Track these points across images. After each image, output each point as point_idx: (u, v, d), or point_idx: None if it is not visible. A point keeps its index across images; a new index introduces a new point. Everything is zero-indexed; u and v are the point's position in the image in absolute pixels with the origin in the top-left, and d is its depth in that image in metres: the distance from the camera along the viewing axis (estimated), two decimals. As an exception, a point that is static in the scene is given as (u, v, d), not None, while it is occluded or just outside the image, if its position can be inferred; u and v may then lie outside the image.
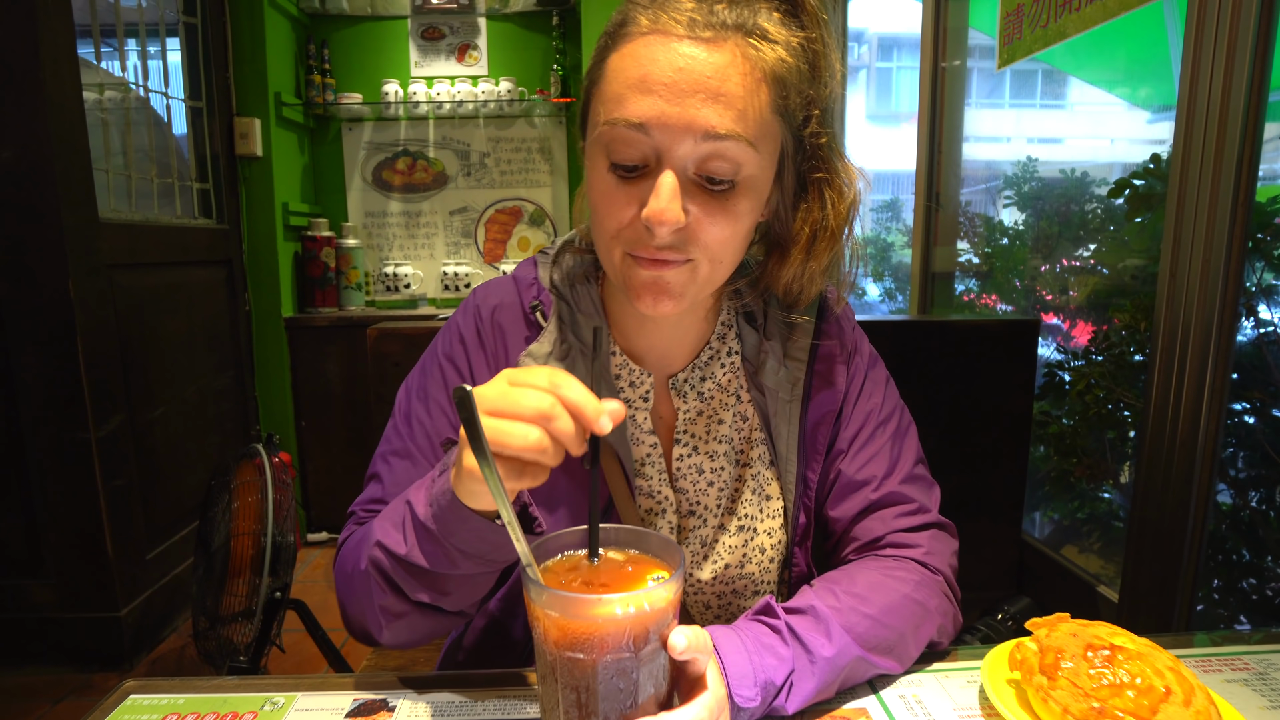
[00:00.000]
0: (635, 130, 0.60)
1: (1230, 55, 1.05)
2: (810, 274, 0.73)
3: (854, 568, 0.72)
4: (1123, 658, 0.55)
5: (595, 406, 0.49)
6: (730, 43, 0.59)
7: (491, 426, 0.49)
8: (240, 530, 1.89)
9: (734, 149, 0.60)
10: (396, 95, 2.97)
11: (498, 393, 0.51)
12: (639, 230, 0.63)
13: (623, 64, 0.61)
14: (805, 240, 0.71)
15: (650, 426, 0.77)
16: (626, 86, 0.60)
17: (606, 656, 0.44)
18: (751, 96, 0.60)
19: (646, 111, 0.59)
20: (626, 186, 0.63)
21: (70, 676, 2.00)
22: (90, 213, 1.99)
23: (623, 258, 0.66)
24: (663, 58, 0.59)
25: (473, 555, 0.59)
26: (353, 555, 0.69)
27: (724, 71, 0.59)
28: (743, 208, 0.64)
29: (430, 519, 0.59)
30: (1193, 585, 1.18)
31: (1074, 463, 1.76)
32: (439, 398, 0.76)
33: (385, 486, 0.76)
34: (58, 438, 1.94)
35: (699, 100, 0.59)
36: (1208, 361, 1.11)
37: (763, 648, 0.59)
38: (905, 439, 0.80)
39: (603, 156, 0.63)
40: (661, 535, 0.51)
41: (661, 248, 0.63)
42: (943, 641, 0.72)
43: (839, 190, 0.70)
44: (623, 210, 0.63)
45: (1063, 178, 2.08)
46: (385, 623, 0.66)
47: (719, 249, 0.65)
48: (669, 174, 0.60)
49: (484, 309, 0.78)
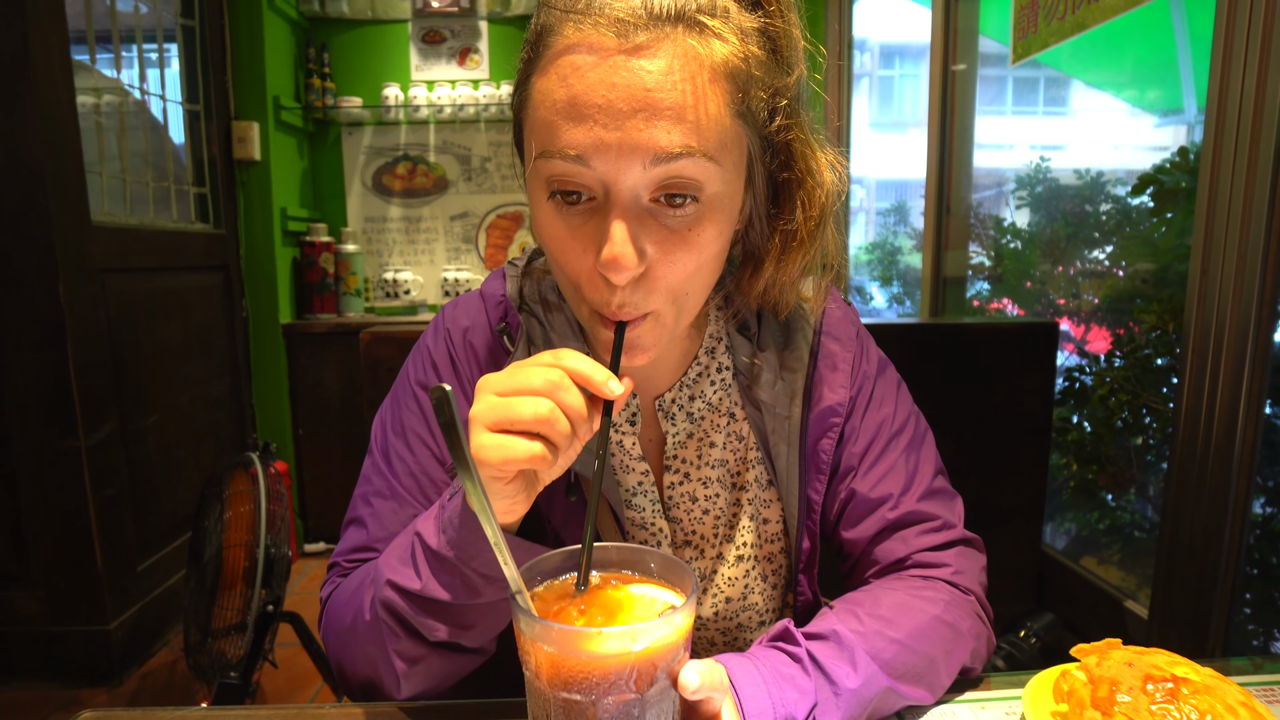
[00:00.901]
0: (573, 162, 0.52)
1: (1266, 40, 0.99)
2: (781, 284, 0.66)
3: (878, 588, 0.66)
4: (1188, 691, 0.49)
5: (603, 373, 0.49)
6: (669, 41, 0.50)
7: (501, 404, 0.49)
8: (233, 541, 1.83)
9: (690, 167, 0.52)
10: (397, 99, 2.93)
11: (505, 375, 0.50)
12: (599, 284, 0.55)
13: (548, 86, 0.52)
14: (775, 250, 0.63)
15: (639, 453, 0.70)
16: (555, 113, 0.52)
17: (608, 699, 0.38)
18: (702, 103, 0.51)
19: (582, 140, 0.51)
20: (578, 231, 0.55)
21: (58, 692, 1.95)
22: (82, 216, 1.95)
23: (590, 316, 0.58)
24: (592, 75, 0.50)
25: (497, 578, 0.54)
26: (349, 607, 0.63)
27: (665, 79, 0.50)
28: (708, 235, 0.55)
29: (445, 546, 0.54)
30: (1230, 602, 1.11)
31: (1095, 470, 1.69)
32: (418, 430, 0.70)
33: (370, 531, 0.69)
34: (46, 446, 1.89)
35: (641, 119, 0.50)
36: (1244, 364, 1.05)
37: (782, 679, 0.54)
38: (922, 449, 0.74)
39: (543, 192, 0.55)
40: (669, 555, 0.45)
41: (622, 306, 0.55)
42: (976, 667, 0.66)
43: (809, 191, 0.61)
44: (579, 260, 0.56)
45: (1077, 179, 2.03)
46: (402, 671, 0.59)
47: (683, 285, 0.57)
48: (618, 221, 0.52)
49: (455, 331, 0.71)
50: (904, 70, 6.62)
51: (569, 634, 0.38)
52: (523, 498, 0.53)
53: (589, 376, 0.49)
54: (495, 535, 0.41)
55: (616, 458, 0.70)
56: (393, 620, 0.58)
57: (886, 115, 6.81)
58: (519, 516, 0.56)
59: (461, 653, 0.60)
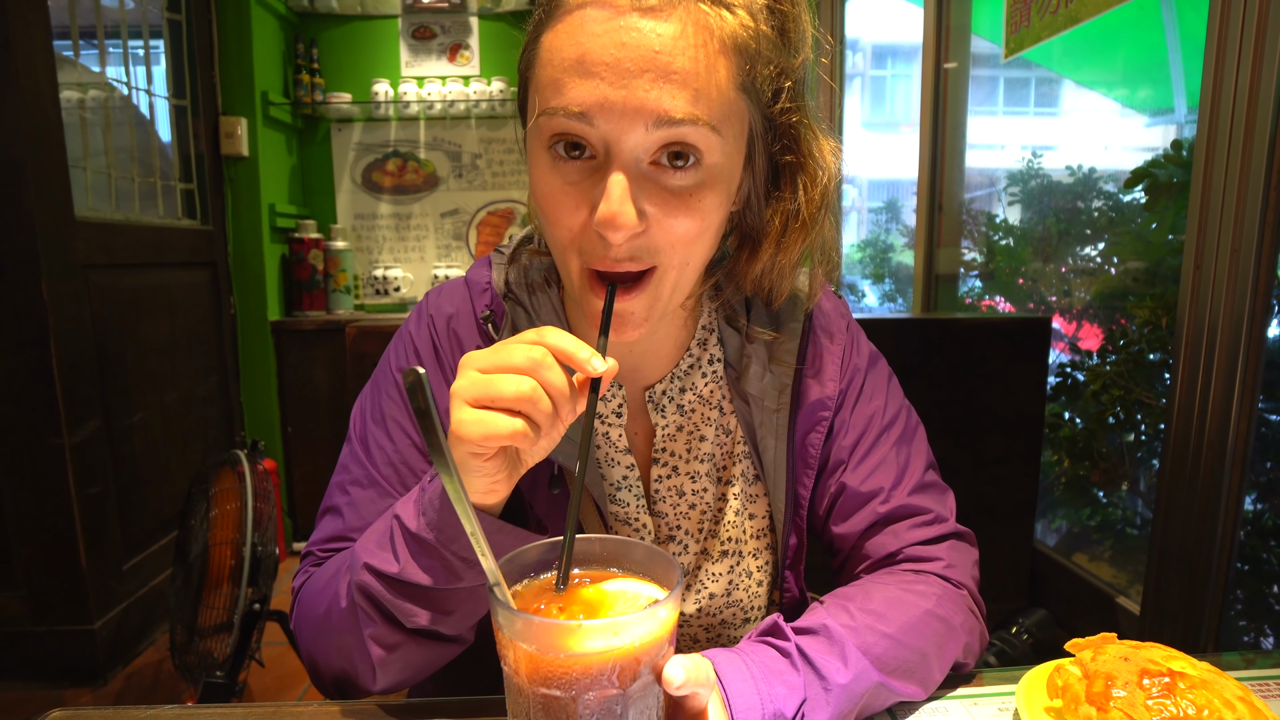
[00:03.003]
0: (576, 120, 0.51)
1: (1260, 34, 0.99)
2: (780, 268, 0.65)
3: (869, 582, 0.65)
4: (1185, 685, 0.48)
5: (586, 351, 0.48)
6: (681, 9, 0.51)
7: (483, 380, 0.48)
8: (219, 539, 1.81)
9: (693, 134, 0.52)
10: (387, 95, 2.91)
11: (488, 352, 0.49)
12: (593, 239, 0.54)
13: (557, 42, 0.52)
14: (775, 232, 0.63)
15: (626, 445, 0.69)
16: (563, 70, 0.52)
17: (589, 694, 0.37)
18: (710, 72, 0.52)
19: (587, 97, 0.51)
20: (573, 187, 0.54)
21: (41, 692, 1.92)
22: (65, 211, 1.92)
23: (581, 273, 0.57)
24: (603, 32, 0.50)
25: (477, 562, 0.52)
26: (323, 596, 0.61)
27: (675, 44, 0.50)
28: (708, 202, 0.55)
29: (425, 528, 0.53)
30: (1222, 598, 1.11)
31: (1087, 467, 1.69)
32: (398, 417, 0.68)
33: (346, 520, 0.67)
34: (29, 443, 1.86)
35: (648, 80, 0.50)
36: (1237, 358, 1.05)
37: (771, 674, 0.52)
38: (913, 443, 0.73)
39: (543, 151, 0.55)
40: (653, 548, 0.44)
41: (619, 259, 0.54)
42: (969, 662, 0.65)
43: (812, 175, 0.61)
44: (572, 215, 0.55)
45: (1069, 175, 2.03)
46: (378, 659, 0.57)
47: (685, 250, 0.56)
48: (618, 174, 0.52)
49: (438, 318, 0.70)
50: (896, 70, 6.63)
51: (549, 628, 0.37)
52: (504, 477, 0.52)
53: (572, 354, 0.48)
54: (472, 525, 0.40)
55: (602, 450, 0.69)
56: (370, 606, 0.57)
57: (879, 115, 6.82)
58: (501, 498, 0.54)
59: (439, 641, 0.59)
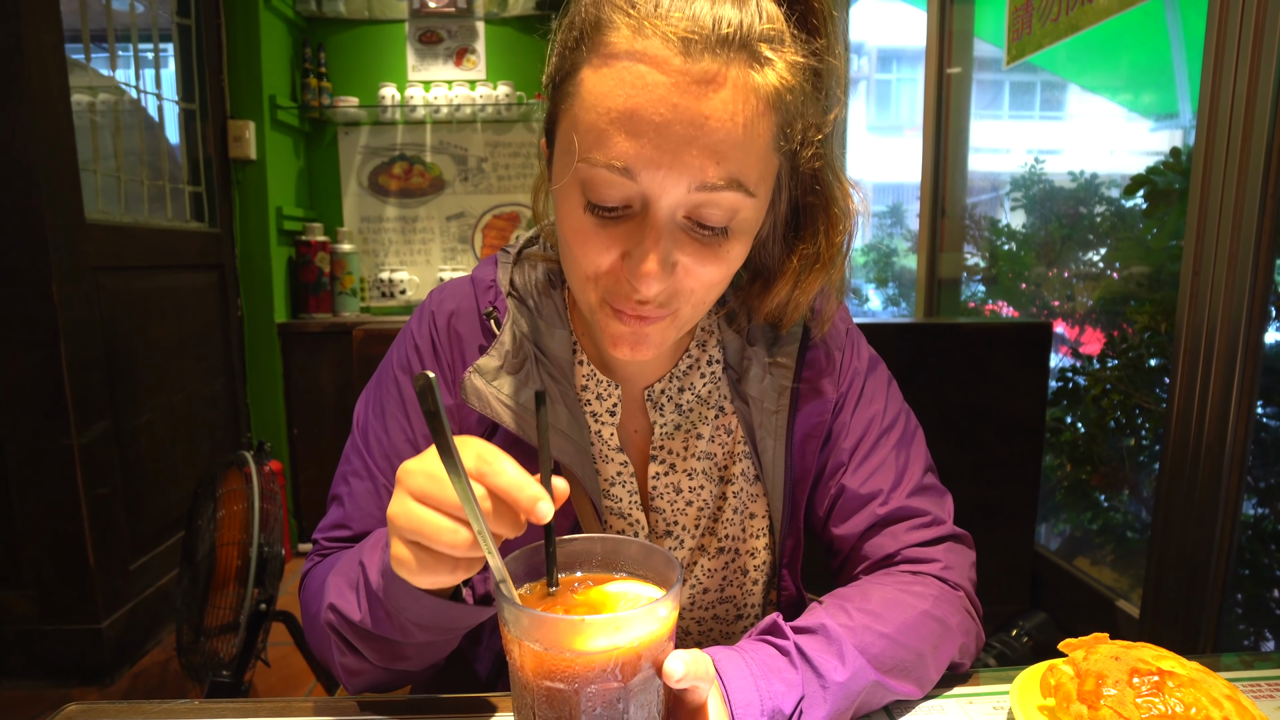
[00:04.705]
0: (620, 174, 0.52)
1: (1257, 42, 1.00)
2: (797, 303, 0.67)
3: (867, 583, 0.66)
4: (1173, 684, 0.49)
5: (530, 494, 0.43)
6: (732, 69, 0.50)
7: (418, 516, 0.45)
8: (225, 540, 1.83)
9: (730, 198, 0.53)
10: (393, 99, 2.93)
11: (425, 475, 0.46)
12: (619, 280, 0.56)
13: (604, 87, 0.52)
14: (793, 271, 0.65)
15: (618, 443, 0.71)
16: (609, 121, 0.51)
17: (591, 687, 0.38)
18: (751, 137, 0.52)
19: (633, 156, 0.51)
20: (604, 230, 0.55)
21: (49, 691, 1.94)
22: (76, 214, 1.94)
23: (600, 304, 0.59)
24: (654, 92, 0.50)
25: (428, 627, 0.55)
26: (315, 600, 0.65)
27: (724, 109, 0.51)
28: (735, 253, 0.58)
29: (380, 590, 0.54)
30: (1221, 601, 1.12)
31: (1088, 471, 1.70)
32: (395, 412, 0.71)
33: (346, 510, 0.71)
34: (38, 444, 1.88)
35: (695, 147, 0.51)
36: (1235, 363, 1.05)
37: (770, 672, 0.54)
38: (912, 446, 0.74)
39: (578, 194, 0.55)
40: (653, 546, 0.45)
41: (642, 304, 0.56)
42: (965, 662, 0.66)
43: (833, 219, 0.63)
44: (600, 255, 0.56)
45: (1071, 181, 2.04)
46: (344, 679, 0.63)
47: (704, 293, 0.59)
48: (657, 237, 0.53)
49: (440, 316, 0.72)
50: (901, 74, 6.64)
51: (553, 625, 0.38)
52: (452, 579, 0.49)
53: (515, 498, 0.44)
54: (479, 524, 0.41)
55: (595, 447, 0.71)
56: (337, 637, 0.60)
57: (884, 119, 6.83)
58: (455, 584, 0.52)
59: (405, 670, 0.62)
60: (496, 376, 0.65)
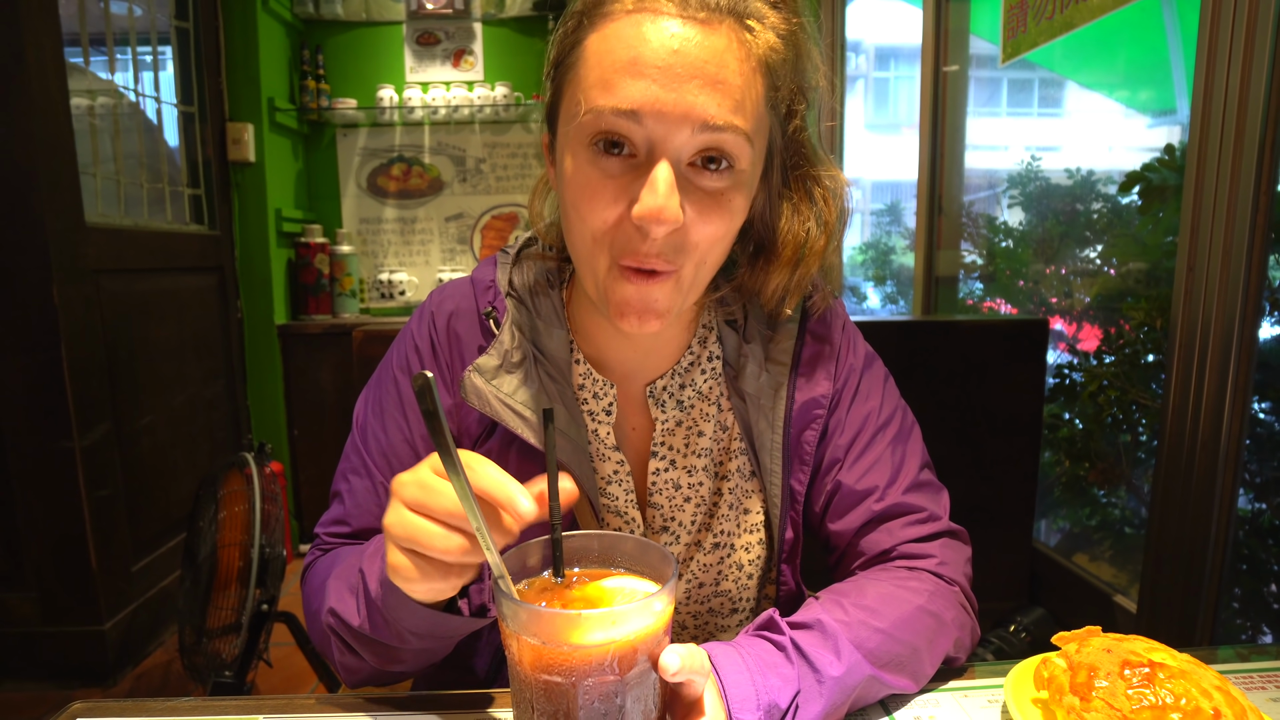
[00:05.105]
0: (625, 118, 0.54)
1: (1250, 35, 1.00)
2: (798, 282, 0.68)
3: (863, 579, 0.67)
4: (1164, 676, 0.50)
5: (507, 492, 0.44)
6: (725, 25, 0.55)
7: (413, 524, 0.46)
8: (227, 541, 1.83)
9: (731, 142, 0.55)
10: (391, 101, 2.94)
11: (418, 485, 0.47)
12: (627, 233, 0.57)
13: (606, 45, 0.55)
14: (793, 247, 0.66)
15: (614, 442, 0.72)
16: (614, 70, 0.54)
17: (588, 680, 0.39)
18: (749, 86, 0.56)
19: (639, 97, 0.54)
20: (612, 181, 0.57)
21: (52, 693, 1.94)
22: (76, 217, 1.95)
23: (609, 269, 0.59)
24: (655, 38, 0.54)
25: (424, 635, 0.56)
26: (316, 597, 0.66)
27: (721, 56, 0.54)
28: (737, 205, 0.59)
29: (379, 598, 0.55)
30: (1217, 595, 1.12)
31: (1086, 467, 1.70)
32: (392, 411, 0.72)
33: (346, 507, 0.72)
34: (40, 446, 1.89)
35: (696, 86, 0.54)
36: (1229, 359, 1.06)
37: (766, 667, 0.54)
38: (908, 442, 0.75)
39: (583, 148, 0.57)
40: (648, 542, 0.46)
41: (651, 254, 0.57)
42: (960, 657, 0.66)
43: (826, 190, 0.65)
44: (607, 208, 0.57)
45: (1068, 178, 2.04)
46: (344, 676, 0.65)
47: (706, 249, 0.60)
48: (665, 165, 0.54)
49: (439, 316, 0.73)
50: (899, 72, 6.64)
51: (551, 619, 0.39)
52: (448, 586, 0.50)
53: (495, 496, 0.44)
54: (477, 521, 0.42)
55: (593, 445, 0.72)
56: (336, 639, 0.62)
57: (882, 117, 6.83)
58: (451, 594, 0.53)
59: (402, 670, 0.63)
60: (496, 375, 0.66)
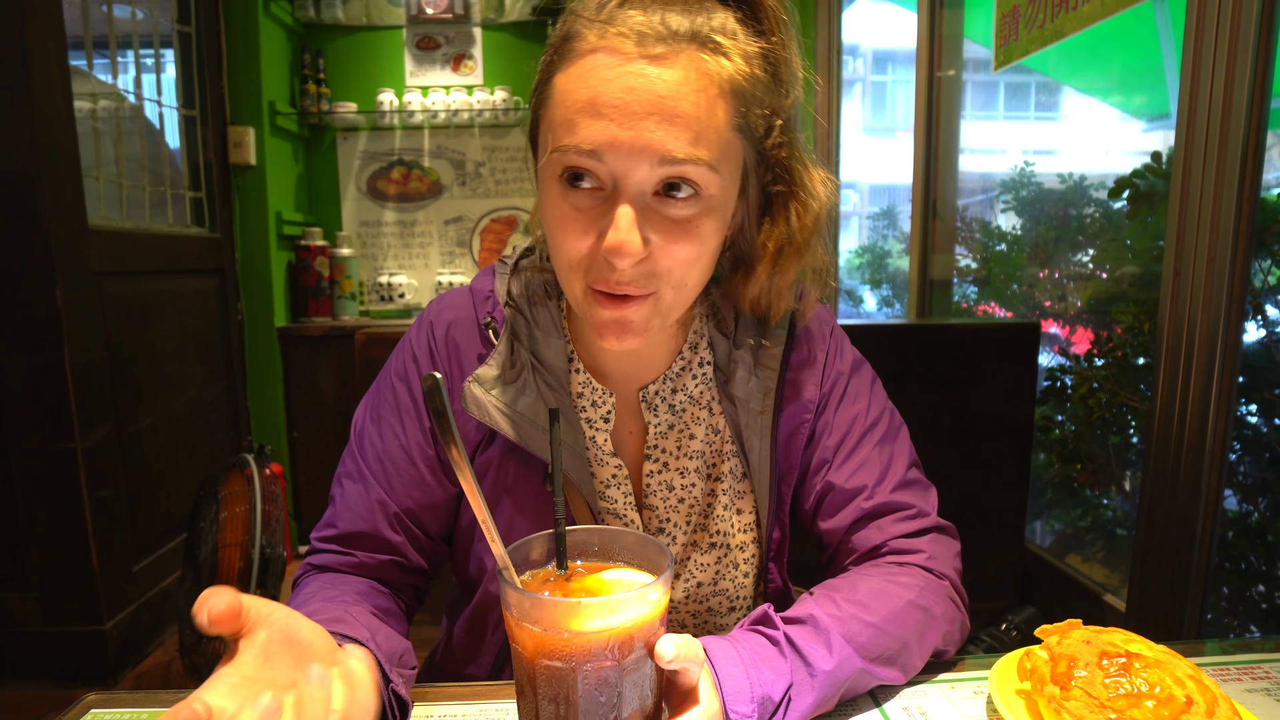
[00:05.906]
0: (587, 157, 0.57)
1: (1233, 46, 1.03)
2: (778, 289, 0.70)
3: (855, 574, 0.69)
4: (1140, 665, 0.52)
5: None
6: (684, 56, 0.56)
7: None
8: (228, 542, 1.85)
9: (694, 172, 0.57)
10: (391, 105, 2.96)
11: None
12: (599, 262, 0.60)
13: (570, 85, 0.58)
14: (770, 256, 0.68)
15: (611, 448, 0.74)
16: (575, 111, 0.57)
17: (587, 665, 0.41)
18: (709, 116, 0.57)
19: (597, 137, 0.56)
20: (582, 214, 0.59)
21: (52, 692, 1.95)
22: (79, 220, 1.97)
23: (585, 292, 0.62)
24: (613, 77, 0.55)
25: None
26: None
27: (679, 89, 0.55)
28: (706, 229, 0.61)
29: None
30: (1203, 593, 1.14)
31: (1077, 469, 1.73)
32: (390, 418, 0.74)
33: (336, 509, 0.74)
34: (42, 447, 1.90)
35: (653, 123, 0.55)
36: (1214, 362, 1.08)
37: (760, 660, 0.56)
38: (896, 443, 0.77)
39: (554, 181, 0.60)
40: (644, 535, 0.48)
41: (623, 283, 0.60)
42: (949, 650, 0.68)
43: (803, 203, 0.67)
44: (579, 239, 0.60)
45: (1060, 183, 2.07)
46: None
47: (682, 273, 0.62)
48: (625, 206, 0.57)
49: (438, 325, 0.74)
50: (896, 76, 6.66)
51: (552, 607, 0.41)
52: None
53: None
54: (484, 513, 0.44)
55: (590, 451, 0.74)
56: None
57: (879, 120, 6.86)
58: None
59: None
60: (495, 385, 0.68)
